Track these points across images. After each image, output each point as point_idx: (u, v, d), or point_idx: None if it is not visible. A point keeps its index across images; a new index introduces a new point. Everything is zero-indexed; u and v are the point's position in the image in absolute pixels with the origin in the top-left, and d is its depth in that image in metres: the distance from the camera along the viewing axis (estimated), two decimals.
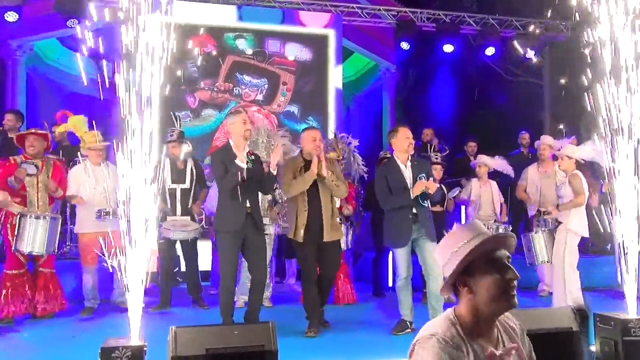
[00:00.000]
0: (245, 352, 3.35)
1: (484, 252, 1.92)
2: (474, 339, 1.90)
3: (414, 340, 1.90)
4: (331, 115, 10.08)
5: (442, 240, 2.04)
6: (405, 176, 5.28)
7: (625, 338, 3.91)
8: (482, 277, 1.90)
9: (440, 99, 12.44)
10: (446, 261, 1.96)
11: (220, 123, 9.41)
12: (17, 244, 5.44)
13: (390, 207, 5.30)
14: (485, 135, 9.91)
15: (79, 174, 6.08)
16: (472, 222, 2.05)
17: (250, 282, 5.28)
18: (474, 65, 11.93)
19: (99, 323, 5.53)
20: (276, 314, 5.65)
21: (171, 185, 6.31)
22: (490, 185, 7.40)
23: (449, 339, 1.84)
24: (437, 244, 2.13)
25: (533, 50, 11.31)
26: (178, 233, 6.16)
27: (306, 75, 10.04)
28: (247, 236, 5.04)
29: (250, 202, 5.06)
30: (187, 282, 6.60)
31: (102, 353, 3.12)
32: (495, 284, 1.90)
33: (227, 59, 9.66)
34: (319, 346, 4.71)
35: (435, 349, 1.81)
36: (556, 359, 3.74)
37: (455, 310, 1.96)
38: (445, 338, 1.84)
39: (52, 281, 5.86)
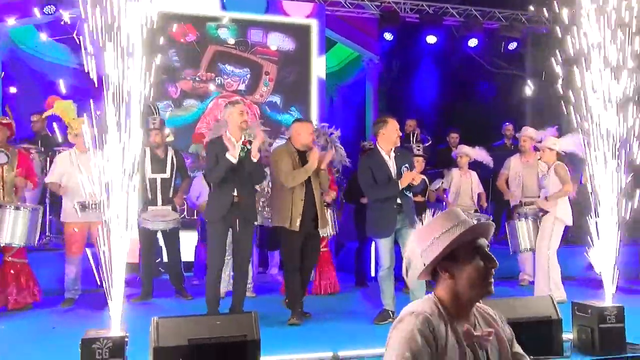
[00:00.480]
0: (228, 342, 3.37)
1: (468, 240, 1.96)
2: (453, 319, 1.94)
3: (395, 321, 1.96)
4: (314, 106, 10.06)
5: (422, 227, 2.05)
6: (390, 167, 5.31)
7: (601, 325, 3.98)
8: (466, 263, 1.94)
9: (423, 90, 12.45)
10: (425, 247, 1.99)
11: (202, 113, 9.36)
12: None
13: (377, 197, 5.32)
14: (468, 126, 9.94)
15: (64, 162, 5.97)
16: (452, 209, 2.07)
17: (233, 272, 5.28)
18: (457, 56, 11.96)
19: (80, 314, 5.48)
20: (259, 304, 5.65)
21: (151, 175, 6.25)
22: (470, 175, 7.48)
23: (429, 315, 1.89)
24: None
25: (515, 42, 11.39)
26: (156, 223, 6.13)
27: (289, 66, 10.00)
28: (233, 226, 5.08)
29: (238, 192, 5.06)
30: (170, 273, 6.58)
31: (82, 345, 3.10)
32: (477, 271, 1.94)
33: (209, 48, 9.58)
34: (301, 336, 4.73)
35: (411, 326, 1.86)
36: (536, 346, 3.80)
37: (435, 294, 2.01)
38: (426, 314, 1.88)
39: (23, 272, 5.77)
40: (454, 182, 7.43)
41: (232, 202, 5.03)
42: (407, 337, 1.84)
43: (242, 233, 5.15)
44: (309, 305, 5.49)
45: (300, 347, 4.14)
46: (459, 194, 7.40)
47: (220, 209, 5.01)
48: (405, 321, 1.90)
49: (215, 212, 5.06)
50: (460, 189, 7.41)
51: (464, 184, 7.42)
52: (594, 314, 4.03)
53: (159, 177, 6.27)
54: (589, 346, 4.01)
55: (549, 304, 4.11)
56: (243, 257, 5.24)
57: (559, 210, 5.97)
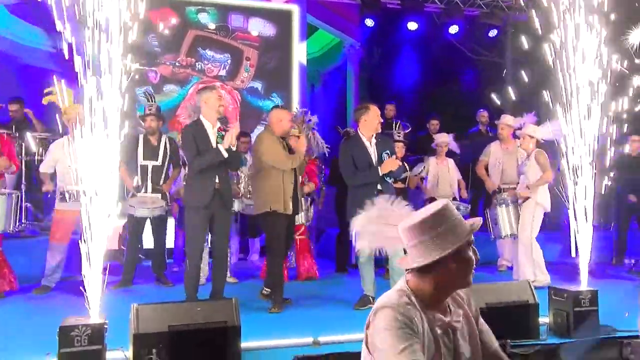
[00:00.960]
0: (208, 329, 3.37)
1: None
2: (427, 308, 1.95)
3: (369, 314, 1.94)
4: (295, 92, 10.02)
5: (413, 220, 1.96)
6: (371, 153, 5.34)
7: (576, 309, 4.06)
8: (454, 260, 1.93)
9: (404, 76, 12.47)
10: (415, 243, 1.94)
11: (183, 99, 9.28)
12: None
13: (357, 183, 5.34)
14: (448, 112, 10.00)
15: (58, 150, 5.93)
16: (444, 208, 1.96)
17: (212, 259, 5.25)
18: (437, 43, 11.98)
19: (59, 302, 5.43)
20: (239, 291, 5.67)
21: (143, 162, 6.22)
22: (447, 163, 7.54)
23: (401, 306, 1.88)
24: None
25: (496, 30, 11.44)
26: (142, 210, 6.08)
27: (270, 51, 9.94)
28: (214, 213, 5.05)
29: (219, 179, 5.05)
30: (153, 260, 6.55)
31: (60, 332, 3.07)
32: (461, 267, 1.95)
33: (189, 33, 9.48)
34: (281, 321, 4.75)
35: (389, 314, 1.86)
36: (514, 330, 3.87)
37: (408, 282, 1.99)
38: (398, 307, 1.88)
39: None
40: (432, 170, 7.49)
41: (215, 190, 5.01)
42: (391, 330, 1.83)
43: (222, 219, 5.14)
44: (289, 291, 5.51)
45: (281, 332, 4.15)
46: (438, 183, 7.45)
47: (204, 196, 4.96)
48: (380, 317, 1.88)
49: (198, 199, 4.99)
50: (439, 177, 7.46)
51: (441, 172, 7.48)
52: (569, 298, 4.11)
53: (150, 164, 6.25)
54: (565, 329, 4.09)
55: (526, 289, 4.18)
56: (223, 243, 5.23)
57: (540, 196, 6.07)
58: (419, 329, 1.87)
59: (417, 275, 1.97)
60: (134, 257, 6.34)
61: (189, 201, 5.12)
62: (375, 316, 1.91)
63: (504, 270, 7.20)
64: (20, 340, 3.96)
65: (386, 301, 1.93)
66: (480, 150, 7.68)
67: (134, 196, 6.17)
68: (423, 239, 1.92)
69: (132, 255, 6.31)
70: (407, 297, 1.93)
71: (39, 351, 3.36)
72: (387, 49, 12.72)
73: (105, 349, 3.16)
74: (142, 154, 6.23)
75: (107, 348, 3.19)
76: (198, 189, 5.00)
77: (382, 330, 1.86)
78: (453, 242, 1.91)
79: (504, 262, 7.32)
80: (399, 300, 1.91)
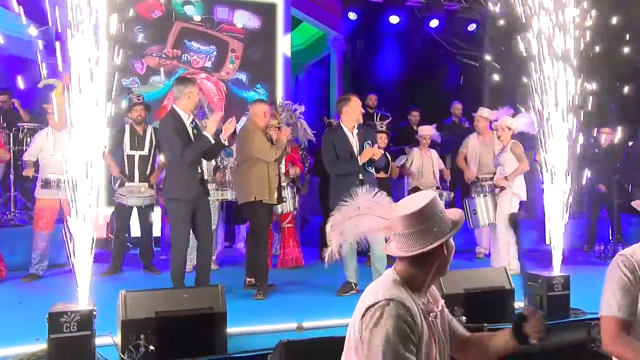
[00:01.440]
0: (195, 315, 3.37)
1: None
2: (417, 296, 1.95)
3: (368, 306, 1.87)
4: (279, 83, 9.98)
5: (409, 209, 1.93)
6: (352, 143, 5.35)
7: (549, 293, 4.13)
8: (438, 254, 1.95)
9: (386, 69, 12.49)
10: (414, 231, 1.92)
11: (169, 90, 9.19)
12: None
13: (337, 173, 5.36)
14: (428, 104, 10.04)
15: (42, 139, 5.93)
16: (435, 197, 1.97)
17: (197, 247, 5.21)
18: (418, 36, 12.00)
19: (48, 289, 5.39)
20: (225, 277, 5.66)
21: (129, 152, 6.19)
22: (430, 154, 7.58)
23: (404, 300, 1.86)
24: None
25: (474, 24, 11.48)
26: (133, 199, 6.07)
27: (255, 43, 9.87)
28: (197, 202, 4.98)
29: (201, 169, 5.04)
30: (140, 248, 6.53)
31: (49, 318, 3.06)
32: (445, 259, 1.98)
33: (175, 25, 9.39)
34: (266, 307, 4.77)
35: (398, 317, 1.81)
36: (490, 314, 3.92)
37: (399, 272, 1.97)
38: (402, 300, 1.85)
39: None
40: (415, 161, 7.52)
41: (200, 180, 4.97)
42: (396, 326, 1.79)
43: (204, 208, 5.08)
44: (274, 278, 5.53)
45: (266, 318, 4.18)
46: (422, 173, 7.50)
47: (191, 188, 4.84)
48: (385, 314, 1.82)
49: (185, 191, 4.83)
50: (423, 168, 7.51)
51: (425, 163, 7.53)
52: (543, 283, 4.18)
53: (137, 153, 6.21)
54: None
55: (502, 275, 4.24)
56: (207, 231, 5.18)
57: (515, 186, 6.14)
58: (417, 320, 1.86)
59: (411, 263, 1.95)
60: (121, 245, 6.30)
61: (175, 194, 4.88)
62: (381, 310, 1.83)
63: (481, 258, 7.28)
64: (10, 327, 3.93)
65: (387, 295, 1.87)
66: (455, 141, 7.77)
67: (122, 185, 6.14)
68: (422, 227, 1.91)
69: (120, 244, 6.28)
70: (402, 287, 1.92)
71: (29, 337, 3.34)
72: (369, 42, 12.71)
73: (94, 334, 3.15)
74: (128, 144, 6.19)
75: (96, 334, 3.18)
76: (186, 181, 4.83)
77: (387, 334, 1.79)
78: (450, 228, 1.94)
79: (481, 250, 7.41)
80: (399, 292, 1.88)
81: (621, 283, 2.35)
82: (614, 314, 2.34)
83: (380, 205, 2.00)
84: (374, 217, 1.98)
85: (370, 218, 1.98)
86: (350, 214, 1.99)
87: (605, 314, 2.38)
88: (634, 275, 2.34)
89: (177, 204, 4.88)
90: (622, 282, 2.34)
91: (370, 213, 1.98)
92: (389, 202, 2.02)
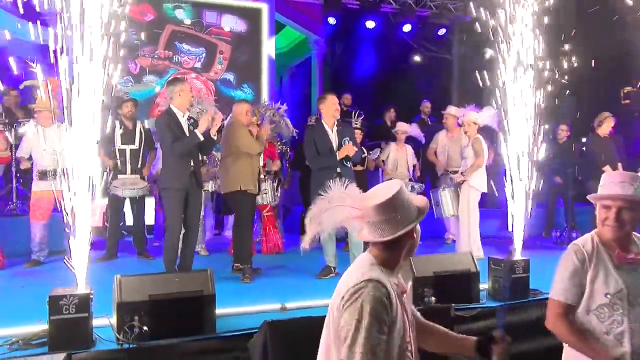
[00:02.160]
0: (185, 297, 3.36)
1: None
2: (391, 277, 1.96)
3: (349, 287, 1.87)
4: (264, 83, 9.96)
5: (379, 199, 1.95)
6: (332, 139, 5.36)
7: (512, 276, 4.18)
8: (409, 238, 1.97)
9: (363, 70, 12.50)
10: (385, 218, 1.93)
11: (162, 88, 9.10)
12: None
13: (318, 167, 5.37)
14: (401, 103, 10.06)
15: (31, 135, 5.87)
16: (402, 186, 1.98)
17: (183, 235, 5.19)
18: (393, 40, 12.03)
19: (48, 274, 5.32)
20: (214, 262, 5.64)
21: (121, 146, 6.14)
22: (405, 149, 7.62)
23: (382, 280, 1.87)
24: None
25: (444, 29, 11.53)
26: (127, 191, 6.05)
27: (241, 46, 9.82)
28: (189, 193, 5.02)
29: (193, 162, 5.04)
30: (134, 235, 6.48)
31: (50, 301, 3.03)
32: (414, 242, 2.00)
33: (167, 28, 9.29)
34: (252, 290, 4.76)
35: (375, 298, 1.82)
36: (457, 295, 3.96)
37: (375, 256, 1.98)
38: (380, 280, 1.87)
39: None
40: (391, 155, 7.56)
41: (191, 172, 4.99)
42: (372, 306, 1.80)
43: (195, 198, 5.15)
44: (258, 262, 5.53)
45: (251, 300, 4.17)
46: (397, 166, 7.54)
47: (182, 178, 4.92)
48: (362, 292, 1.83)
49: (176, 181, 4.93)
50: (398, 161, 7.55)
51: (400, 157, 7.56)
52: (505, 266, 4.22)
53: (128, 147, 6.17)
54: (501, 294, 4.21)
55: (469, 259, 4.28)
56: (195, 221, 5.24)
57: (473, 179, 6.15)
58: (393, 300, 1.87)
59: (384, 247, 1.96)
60: (116, 233, 6.27)
61: (167, 183, 4.97)
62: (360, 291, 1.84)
63: (449, 243, 7.34)
64: (14, 309, 3.89)
65: (367, 276, 1.87)
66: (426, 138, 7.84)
67: (116, 178, 6.09)
68: (392, 215, 1.92)
69: (115, 232, 6.25)
70: (380, 269, 1.93)
71: (32, 318, 3.31)
72: (347, 45, 12.72)
73: (91, 316, 3.13)
74: (119, 138, 6.15)
75: (93, 315, 3.15)
76: (176, 172, 4.94)
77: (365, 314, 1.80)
78: (416, 216, 1.96)
79: (450, 236, 7.46)
80: (377, 274, 1.88)
81: (571, 271, 2.39)
82: (560, 298, 2.39)
83: (352, 197, 2.00)
84: (347, 207, 1.98)
85: (345, 209, 1.98)
86: (327, 206, 1.99)
87: (552, 297, 2.43)
88: (582, 265, 2.38)
89: (168, 192, 4.97)
90: (572, 271, 2.39)
91: (344, 204, 1.98)
92: (360, 193, 2.03)
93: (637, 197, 2.33)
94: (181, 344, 3.16)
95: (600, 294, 2.34)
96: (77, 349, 2.98)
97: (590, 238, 2.45)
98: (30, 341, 3.08)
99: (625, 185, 2.34)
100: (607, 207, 2.38)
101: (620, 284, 2.34)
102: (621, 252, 2.39)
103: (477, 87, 4.96)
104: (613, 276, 2.35)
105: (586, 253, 2.39)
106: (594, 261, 2.38)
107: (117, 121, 6.18)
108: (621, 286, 2.33)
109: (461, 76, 11.37)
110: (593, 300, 2.36)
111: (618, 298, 2.32)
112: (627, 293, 2.32)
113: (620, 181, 2.37)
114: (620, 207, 2.35)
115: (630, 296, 2.33)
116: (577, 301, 2.38)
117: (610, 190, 2.37)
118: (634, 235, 2.45)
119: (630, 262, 2.39)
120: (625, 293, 2.32)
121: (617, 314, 2.32)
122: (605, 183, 2.41)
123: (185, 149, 4.91)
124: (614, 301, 2.33)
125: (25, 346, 3.04)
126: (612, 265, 2.37)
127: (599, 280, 2.35)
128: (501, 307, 3.37)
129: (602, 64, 9.05)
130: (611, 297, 2.33)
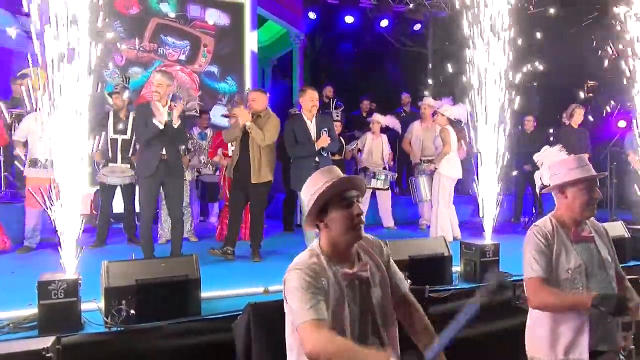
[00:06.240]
0: (171, 282, 3.34)
1: (336, 193, 1.96)
2: (334, 264, 1.96)
3: (285, 274, 1.96)
4: (248, 76, 9.88)
5: (306, 182, 2.03)
6: (311, 130, 5.35)
7: (482, 259, 4.23)
8: (334, 213, 1.95)
9: (341, 63, 12.48)
10: (308, 201, 2.00)
11: (147, 80, 8.97)
12: None
13: (296, 155, 5.37)
14: (378, 95, 10.09)
15: (30, 122, 5.76)
16: (329, 167, 2.06)
17: (170, 221, 5.19)
18: (370, 35, 12.02)
19: (38, 260, 5.25)
20: (199, 248, 5.61)
21: (113, 136, 6.06)
22: (381, 138, 7.64)
23: (309, 267, 1.90)
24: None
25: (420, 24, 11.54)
26: (113, 179, 6.01)
27: (225, 39, 9.72)
28: (163, 181, 5.03)
29: (166, 151, 4.99)
30: (124, 222, 6.43)
31: (39, 286, 2.99)
32: (344, 219, 1.95)
33: (152, 20, 9.13)
34: (236, 274, 4.75)
35: (298, 275, 1.89)
36: (431, 277, 4.00)
37: (319, 242, 2.03)
38: (306, 268, 1.90)
39: None
40: (367, 144, 7.57)
41: (161, 160, 4.96)
42: (299, 289, 1.85)
43: (171, 187, 5.12)
44: (242, 248, 5.51)
45: (236, 283, 4.16)
46: (372, 155, 7.55)
47: (151, 166, 4.93)
48: (290, 277, 1.91)
49: (146, 169, 4.96)
50: (372, 150, 7.56)
51: (375, 146, 7.58)
52: (476, 250, 4.26)
53: (119, 137, 6.07)
54: (472, 276, 4.26)
55: (442, 243, 4.31)
56: (177, 209, 5.20)
57: (442, 167, 6.23)
58: (325, 284, 1.88)
59: (322, 234, 2.01)
60: (105, 220, 6.20)
61: (139, 171, 5.12)
62: (288, 276, 1.93)
63: (424, 229, 7.41)
64: (4, 294, 3.82)
65: (297, 262, 1.95)
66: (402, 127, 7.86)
67: (106, 166, 6.01)
68: (311, 193, 1.99)
69: (104, 219, 6.18)
70: (316, 257, 1.95)
71: (22, 303, 3.26)
72: (327, 39, 12.67)
73: (79, 300, 3.09)
74: (112, 128, 6.05)
75: (81, 300, 3.12)
76: (146, 160, 4.98)
77: (292, 289, 1.88)
78: (325, 187, 1.95)
79: (424, 222, 7.53)
80: (307, 261, 1.93)
81: (538, 248, 2.46)
82: (536, 274, 2.45)
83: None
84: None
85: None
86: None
87: (528, 276, 2.48)
88: (546, 241, 2.46)
89: (140, 180, 5.07)
90: (539, 247, 2.46)
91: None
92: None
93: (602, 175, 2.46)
94: (167, 326, 3.14)
95: (563, 270, 2.44)
96: (66, 332, 2.94)
97: (548, 220, 2.54)
98: (20, 325, 3.04)
99: (589, 167, 2.45)
100: (588, 189, 2.44)
101: (578, 260, 2.44)
102: (576, 230, 2.50)
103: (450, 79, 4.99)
104: (572, 252, 2.45)
105: (548, 232, 2.47)
106: (556, 239, 2.47)
107: (110, 112, 6.09)
108: (580, 261, 2.44)
109: (434, 69, 11.41)
110: (558, 275, 2.44)
111: (577, 273, 2.42)
112: (585, 267, 2.43)
113: (585, 164, 2.47)
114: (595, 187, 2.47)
115: (588, 269, 2.43)
116: (549, 273, 2.44)
117: (586, 173, 2.44)
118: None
119: (585, 239, 2.50)
120: (584, 267, 2.43)
121: (578, 288, 2.41)
122: (572, 167, 2.46)
123: (146, 137, 4.92)
124: (574, 276, 2.42)
125: (15, 329, 3.00)
126: (570, 242, 2.47)
127: (562, 257, 2.45)
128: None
129: (562, 66, 9.33)
130: (572, 272, 2.42)
